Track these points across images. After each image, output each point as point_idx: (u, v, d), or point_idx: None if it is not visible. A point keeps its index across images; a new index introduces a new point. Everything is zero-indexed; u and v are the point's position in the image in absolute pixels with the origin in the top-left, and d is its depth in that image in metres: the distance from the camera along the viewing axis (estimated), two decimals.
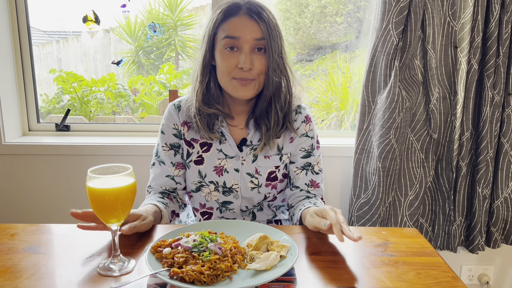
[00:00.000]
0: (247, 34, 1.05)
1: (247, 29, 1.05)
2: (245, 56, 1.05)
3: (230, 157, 1.17)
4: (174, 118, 1.19)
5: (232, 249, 0.84)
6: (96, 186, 0.79)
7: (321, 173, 1.23)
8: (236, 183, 1.17)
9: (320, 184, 1.22)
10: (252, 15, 1.06)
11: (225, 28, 1.07)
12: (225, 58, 1.07)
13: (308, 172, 1.21)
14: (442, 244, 1.73)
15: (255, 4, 1.08)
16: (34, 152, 1.74)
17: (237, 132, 1.19)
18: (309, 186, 1.20)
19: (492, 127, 1.59)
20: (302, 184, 1.20)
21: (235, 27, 1.05)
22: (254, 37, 1.05)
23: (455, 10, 1.52)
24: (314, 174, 1.21)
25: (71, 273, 0.81)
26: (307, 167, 1.21)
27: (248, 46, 1.05)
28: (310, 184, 1.20)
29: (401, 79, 1.55)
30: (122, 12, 1.93)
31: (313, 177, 1.21)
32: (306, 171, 1.21)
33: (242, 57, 1.05)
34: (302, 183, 1.20)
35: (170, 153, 1.19)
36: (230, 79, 1.09)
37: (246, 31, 1.05)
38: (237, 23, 1.06)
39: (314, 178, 1.21)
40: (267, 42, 1.05)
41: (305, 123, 1.21)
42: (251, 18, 1.06)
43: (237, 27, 1.05)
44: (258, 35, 1.05)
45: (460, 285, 0.79)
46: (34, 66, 1.83)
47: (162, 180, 1.19)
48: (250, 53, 1.06)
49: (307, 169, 1.21)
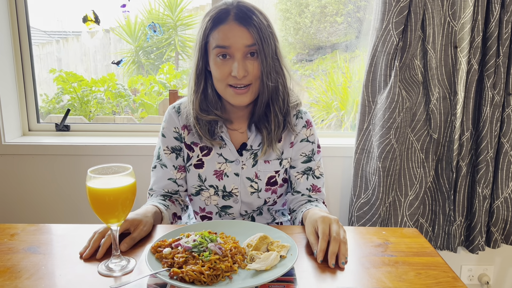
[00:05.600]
0: (238, 42, 1.02)
1: (237, 37, 1.02)
2: (237, 64, 1.03)
3: (230, 161, 1.16)
4: (174, 121, 1.18)
5: (232, 249, 0.84)
6: (96, 186, 0.79)
7: (322, 177, 1.22)
8: (236, 188, 1.17)
9: (321, 188, 1.22)
10: (241, 21, 1.03)
11: (215, 37, 1.04)
12: (219, 67, 1.05)
13: (309, 176, 1.20)
14: (442, 244, 1.73)
15: (244, 8, 1.04)
16: (34, 152, 1.74)
17: (238, 137, 1.18)
18: (311, 190, 1.20)
19: (492, 127, 1.59)
20: (303, 189, 1.20)
21: (225, 35, 1.03)
22: (245, 44, 1.03)
23: (455, 10, 1.52)
24: (315, 179, 1.21)
25: (71, 273, 0.81)
26: (308, 171, 1.20)
27: (240, 54, 1.03)
28: (312, 188, 1.20)
29: (401, 79, 1.55)
30: (122, 12, 1.93)
31: (314, 181, 1.20)
32: (307, 176, 1.20)
33: (235, 65, 1.03)
34: (304, 188, 1.20)
35: (172, 156, 1.19)
36: (225, 87, 1.07)
37: (236, 38, 1.02)
38: (226, 32, 1.03)
39: (315, 183, 1.20)
40: (258, 47, 1.03)
41: (305, 127, 1.20)
42: (240, 24, 1.02)
43: (227, 35, 1.03)
44: (249, 41, 1.03)
45: (460, 285, 0.79)
46: (34, 66, 1.83)
47: (164, 183, 1.19)
48: (242, 60, 1.04)
49: (308, 174, 1.20)
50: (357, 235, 1.01)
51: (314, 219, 0.95)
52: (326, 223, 0.91)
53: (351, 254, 0.91)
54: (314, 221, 0.95)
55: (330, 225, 0.91)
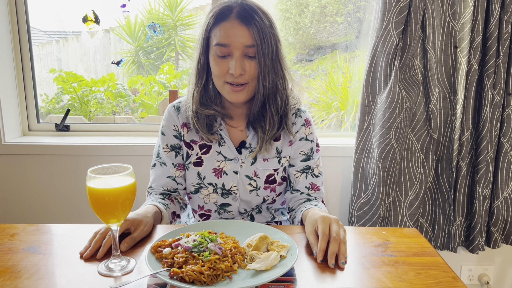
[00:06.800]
0: (237, 41, 1.03)
1: (237, 35, 1.03)
2: (235, 62, 1.03)
3: (229, 159, 1.17)
4: (174, 119, 1.19)
5: (232, 249, 0.84)
6: (96, 186, 0.79)
7: (321, 176, 1.23)
8: (235, 186, 1.17)
9: (320, 187, 1.22)
10: (242, 20, 1.03)
11: (216, 34, 1.05)
12: (217, 64, 1.06)
13: (308, 175, 1.20)
14: (442, 244, 1.73)
15: (247, 7, 1.04)
16: (34, 152, 1.74)
17: (237, 134, 1.18)
18: (310, 189, 1.20)
19: (492, 127, 1.59)
20: (303, 187, 1.20)
21: (226, 33, 1.03)
22: (244, 44, 1.03)
23: (455, 10, 1.52)
24: (314, 177, 1.21)
25: (71, 273, 0.81)
26: (307, 170, 1.21)
27: (238, 52, 1.04)
28: (311, 187, 1.20)
29: (401, 79, 1.55)
30: (122, 12, 1.93)
31: (313, 180, 1.21)
32: (306, 174, 1.20)
33: (233, 63, 1.04)
34: (303, 186, 1.20)
35: (171, 154, 1.19)
36: (223, 83, 1.08)
37: (236, 37, 1.03)
38: (227, 29, 1.03)
39: (314, 181, 1.21)
40: (257, 48, 1.03)
41: (304, 126, 1.20)
42: (241, 23, 1.03)
43: (227, 33, 1.03)
44: (248, 41, 1.03)
45: (460, 285, 0.79)
46: (34, 66, 1.83)
47: (163, 181, 1.19)
48: (241, 59, 1.04)
49: (307, 172, 1.20)
50: (357, 235, 1.01)
51: (314, 219, 0.95)
52: (326, 223, 0.91)
53: (351, 254, 0.91)
54: (314, 221, 0.95)
55: (330, 225, 0.91)
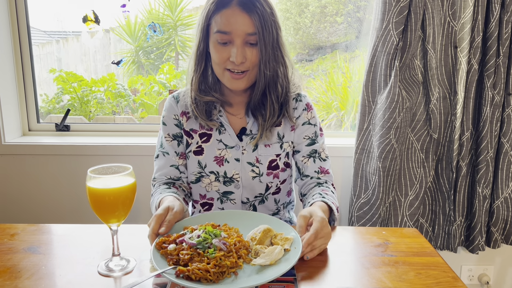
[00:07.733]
0: (239, 28, 1.02)
1: (239, 23, 1.02)
2: (236, 50, 1.03)
3: (230, 147, 1.17)
4: (174, 108, 1.20)
5: (237, 244, 0.84)
6: (96, 186, 0.79)
7: (328, 160, 1.23)
8: (237, 173, 1.17)
9: (329, 170, 1.22)
10: (244, 7, 1.02)
11: (217, 21, 1.04)
12: (218, 51, 1.06)
13: (316, 159, 1.20)
14: (442, 244, 1.73)
15: None
16: (34, 152, 1.74)
17: (237, 121, 1.18)
18: (319, 173, 1.20)
19: (492, 127, 1.59)
20: (312, 172, 1.20)
21: (227, 20, 1.03)
22: (245, 31, 1.03)
23: (455, 10, 1.52)
24: (322, 161, 1.21)
25: (71, 273, 0.81)
26: (314, 154, 1.20)
27: (239, 40, 1.03)
28: (320, 171, 1.20)
29: (401, 79, 1.55)
30: (122, 12, 1.93)
31: (322, 164, 1.21)
32: (314, 159, 1.20)
33: (234, 50, 1.04)
34: (312, 171, 1.20)
35: (174, 143, 1.20)
36: (223, 71, 1.08)
37: (237, 25, 1.02)
38: (228, 16, 1.03)
39: (322, 165, 1.21)
40: (259, 36, 1.03)
41: (306, 111, 1.20)
42: (243, 10, 1.02)
43: (228, 20, 1.02)
44: (250, 29, 1.03)
45: (460, 285, 0.79)
46: (34, 66, 1.83)
47: (167, 170, 1.19)
48: (242, 47, 1.04)
49: (314, 157, 1.20)
50: (357, 235, 1.01)
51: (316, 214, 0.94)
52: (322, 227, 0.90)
53: (351, 254, 0.91)
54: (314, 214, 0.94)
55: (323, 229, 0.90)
